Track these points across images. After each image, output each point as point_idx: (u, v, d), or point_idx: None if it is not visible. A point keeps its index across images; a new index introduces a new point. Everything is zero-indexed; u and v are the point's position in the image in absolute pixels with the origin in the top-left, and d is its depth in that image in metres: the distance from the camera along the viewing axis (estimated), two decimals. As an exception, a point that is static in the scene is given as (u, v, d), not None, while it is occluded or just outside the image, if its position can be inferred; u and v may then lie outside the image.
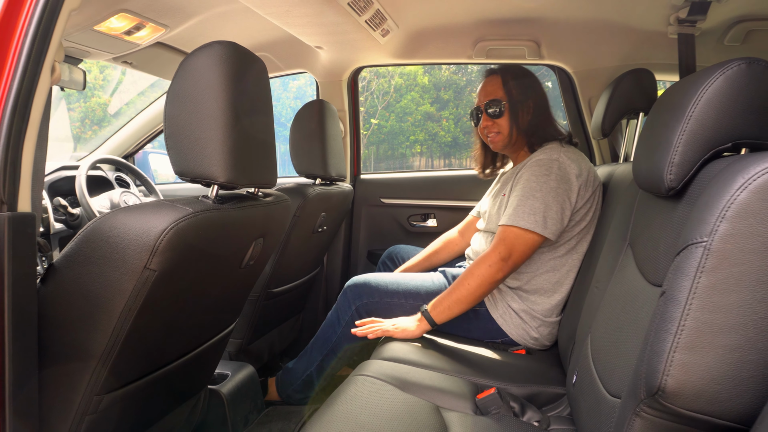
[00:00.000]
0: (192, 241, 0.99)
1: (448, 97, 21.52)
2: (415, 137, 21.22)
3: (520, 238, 1.62)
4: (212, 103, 1.03)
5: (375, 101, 20.48)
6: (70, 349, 0.97)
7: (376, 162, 21.19)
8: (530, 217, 1.61)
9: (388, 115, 21.26)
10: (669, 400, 0.73)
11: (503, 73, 1.85)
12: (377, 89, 20.37)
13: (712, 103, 0.86)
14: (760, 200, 0.67)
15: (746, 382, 0.69)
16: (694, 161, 0.88)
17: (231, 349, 1.97)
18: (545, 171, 1.66)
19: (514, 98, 1.81)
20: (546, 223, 1.61)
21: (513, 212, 1.64)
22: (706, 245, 0.70)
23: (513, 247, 1.62)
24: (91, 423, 1.04)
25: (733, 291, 0.69)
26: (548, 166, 1.66)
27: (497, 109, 1.82)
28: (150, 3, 1.69)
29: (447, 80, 20.97)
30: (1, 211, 0.80)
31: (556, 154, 1.69)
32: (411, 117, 21.23)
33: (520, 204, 1.64)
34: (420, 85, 21.06)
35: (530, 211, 1.62)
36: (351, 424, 1.16)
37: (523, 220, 1.62)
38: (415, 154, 21.85)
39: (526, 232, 1.62)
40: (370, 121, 20.44)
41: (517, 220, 1.62)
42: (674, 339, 0.72)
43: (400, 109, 21.21)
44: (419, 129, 21.19)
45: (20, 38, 0.82)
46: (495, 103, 1.82)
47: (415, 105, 21.15)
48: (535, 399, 1.49)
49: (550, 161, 1.68)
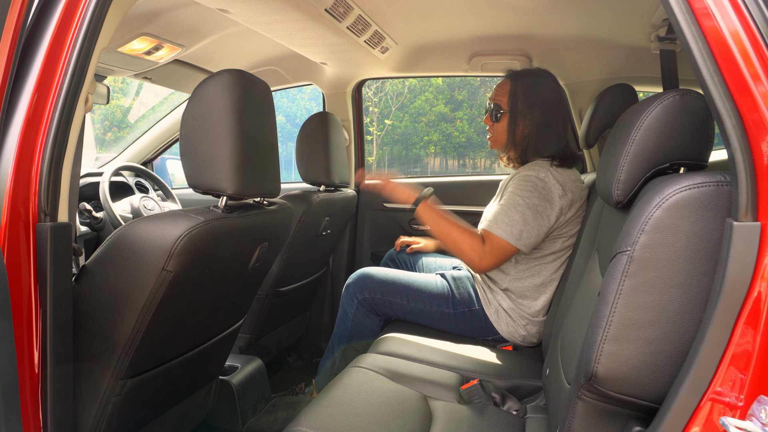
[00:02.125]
0: (204, 246, 1.14)
1: (462, 97, 21.55)
2: (429, 138, 21.28)
3: (495, 243, 1.75)
4: (221, 124, 1.18)
5: (389, 102, 20.59)
6: (99, 338, 1.12)
7: (390, 163, 21.26)
8: (507, 228, 1.72)
9: (402, 115, 21.34)
10: (600, 384, 0.86)
11: (514, 81, 1.87)
12: (391, 90, 20.47)
13: (651, 128, 0.98)
14: (672, 216, 0.80)
15: (662, 369, 0.82)
16: (637, 179, 1.01)
17: (241, 344, 2.12)
18: (530, 188, 1.74)
19: (516, 109, 1.84)
20: (521, 236, 1.72)
21: (493, 219, 1.76)
22: (629, 253, 0.84)
23: (490, 248, 1.75)
24: (117, 404, 1.20)
25: (651, 292, 0.82)
26: (534, 184, 1.75)
27: (497, 114, 1.89)
28: (168, 26, 1.85)
29: (461, 81, 20.99)
30: (44, 222, 0.95)
31: (544, 173, 1.76)
32: (425, 118, 21.29)
33: (501, 213, 1.75)
34: (434, 86, 21.11)
35: (509, 222, 1.73)
36: (344, 409, 1.30)
37: (500, 228, 1.73)
38: (429, 154, 21.91)
39: (501, 240, 1.74)
40: (384, 122, 20.55)
41: (495, 227, 1.75)
42: (603, 332, 0.85)
43: (414, 110, 21.29)
44: (433, 129, 21.24)
45: (60, 76, 0.97)
46: (497, 108, 1.89)
47: (429, 106, 21.21)
48: (517, 391, 1.61)
49: (537, 179, 1.75)
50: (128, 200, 2.45)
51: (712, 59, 0.73)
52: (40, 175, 0.95)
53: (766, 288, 0.68)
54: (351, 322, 2.03)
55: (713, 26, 0.74)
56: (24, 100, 0.94)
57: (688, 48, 0.75)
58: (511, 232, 1.72)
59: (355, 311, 2.02)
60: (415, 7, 1.89)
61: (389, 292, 1.98)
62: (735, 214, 0.71)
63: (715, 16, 0.73)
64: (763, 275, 0.68)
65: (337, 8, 1.67)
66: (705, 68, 0.73)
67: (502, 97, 1.88)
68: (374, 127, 20.05)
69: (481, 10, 1.93)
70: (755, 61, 0.70)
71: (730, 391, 0.71)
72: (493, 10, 1.92)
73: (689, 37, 0.74)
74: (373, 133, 19.98)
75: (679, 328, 0.81)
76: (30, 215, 0.95)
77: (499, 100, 1.89)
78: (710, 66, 0.73)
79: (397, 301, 1.98)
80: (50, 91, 0.96)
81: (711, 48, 0.74)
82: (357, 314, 2.02)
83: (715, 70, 0.73)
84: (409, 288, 1.98)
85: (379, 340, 1.83)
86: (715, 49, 0.73)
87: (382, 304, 1.99)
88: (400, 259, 2.45)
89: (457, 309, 1.94)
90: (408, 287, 1.98)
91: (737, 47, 0.71)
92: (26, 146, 0.94)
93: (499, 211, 1.77)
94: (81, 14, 0.99)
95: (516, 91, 1.85)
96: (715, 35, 0.73)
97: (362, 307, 2.01)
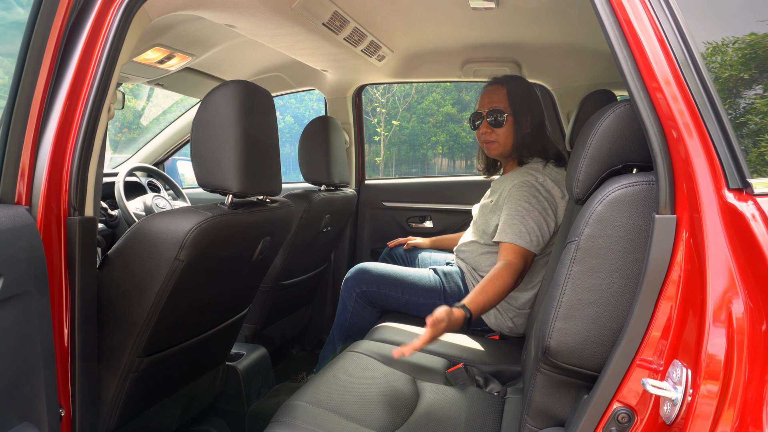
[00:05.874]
0: (212, 238, 1.28)
1: (470, 98, 21.60)
2: (437, 138, 21.36)
3: (520, 254, 1.78)
4: (228, 130, 1.32)
5: (396, 103, 20.69)
6: (119, 319, 1.27)
7: (398, 164, 21.31)
8: (527, 237, 1.79)
9: (410, 116, 21.42)
10: (553, 357, 1.00)
11: (509, 85, 1.94)
12: (398, 91, 20.57)
13: (605, 134, 1.11)
14: (611, 211, 0.94)
15: (604, 342, 0.95)
16: (594, 178, 1.14)
17: (246, 333, 2.26)
18: (535, 192, 1.83)
19: (518, 110, 1.92)
20: (539, 241, 1.80)
21: (511, 231, 1.80)
22: (576, 243, 0.97)
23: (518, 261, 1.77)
24: (134, 380, 1.34)
25: (594, 276, 0.95)
26: (536, 188, 1.84)
27: (499, 119, 1.94)
28: (179, 37, 2.00)
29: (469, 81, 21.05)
30: (74, 216, 1.10)
31: (542, 177, 1.87)
32: (432, 118, 21.36)
33: (517, 224, 1.80)
34: (441, 87, 21.18)
35: (527, 231, 1.79)
36: (337, 387, 1.44)
37: (521, 239, 1.78)
38: (436, 155, 22.00)
39: (524, 249, 1.79)
40: (392, 122, 20.66)
41: (516, 239, 1.79)
42: (555, 311, 0.98)
43: (422, 111, 21.38)
44: (441, 130, 21.31)
45: (87, 89, 1.12)
46: (497, 113, 1.93)
47: (436, 106, 21.29)
48: (500, 375, 1.74)
49: (537, 184, 1.85)
50: (141, 199, 2.60)
51: (640, 79, 0.86)
52: (70, 176, 1.10)
53: (680, 270, 0.81)
54: (350, 313, 2.17)
55: (642, 48, 0.87)
56: (56, 111, 1.09)
57: (621, 71, 0.88)
58: (531, 240, 1.79)
59: (353, 303, 2.16)
60: (408, 18, 2.02)
61: (385, 285, 2.11)
62: (657, 208, 0.84)
63: (641, 40, 0.86)
64: (677, 259, 0.81)
65: (334, 22, 1.81)
66: (633, 85, 0.86)
67: (500, 102, 1.94)
68: (382, 128, 20.15)
69: (471, 20, 2.05)
70: (673, 84, 0.83)
71: (653, 358, 0.84)
72: (483, 20, 2.05)
73: (621, 60, 0.87)
74: (380, 133, 20.09)
75: (619, 307, 0.94)
76: (61, 210, 1.09)
77: (497, 106, 1.95)
78: (637, 83, 0.86)
79: (392, 294, 2.11)
80: (78, 103, 1.11)
81: (640, 70, 0.87)
82: (356, 306, 2.15)
83: (642, 86, 0.86)
84: (404, 282, 2.10)
85: (374, 329, 1.96)
86: (643, 71, 0.86)
87: (378, 297, 2.12)
88: (397, 255, 2.58)
89: (448, 301, 2.06)
90: (402, 281, 2.11)
91: (659, 71, 0.84)
92: (58, 151, 1.08)
93: (512, 222, 1.82)
94: (105, 34, 1.14)
95: (513, 93, 1.93)
96: (642, 58, 0.86)
97: (360, 300, 2.14)
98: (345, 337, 2.19)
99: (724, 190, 0.77)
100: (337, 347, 2.21)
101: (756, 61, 0.83)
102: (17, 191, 1.01)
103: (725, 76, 0.83)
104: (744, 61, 0.83)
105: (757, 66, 0.83)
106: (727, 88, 0.83)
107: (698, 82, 0.81)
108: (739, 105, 0.83)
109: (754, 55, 0.83)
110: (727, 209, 0.77)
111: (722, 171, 0.78)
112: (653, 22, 0.85)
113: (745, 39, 0.82)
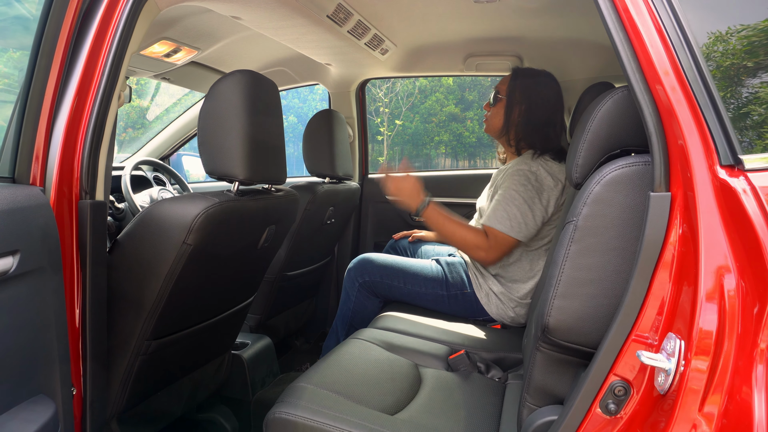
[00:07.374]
0: (218, 223, 1.31)
1: (473, 98, 21.63)
2: (440, 138, 21.39)
3: (498, 237, 1.90)
4: (234, 118, 1.35)
5: (399, 102, 20.72)
6: (128, 302, 1.30)
7: (401, 163, 21.34)
8: (507, 222, 1.87)
9: (413, 116, 21.46)
10: (552, 334, 1.02)
11: (518, 76, 2.05)
12: (402, 90, 20.61)
13: (603, 119, 1.13)
14: (608, 191, 0.96)
15: (601, 320, 0.98)
16: (592, 163, 1.16)
17: (251, 323, 2.29)
18: (524, 180, 1.89)
19: (512, 97, 2.02)
20: (521, 228, 1.87)
21: (493, 215, 1.90)
22: (575, 222, 0.99)
23: (494, 243, 1.91)
24: (143, 363, 1.38)
25: (592, 255, 0.98)
26: (526, 177, 1.90)
27: (495, 98, 2.07)
28: (185, 31, 2.04)
29: (471, 81, 21.07)
30: (85, 199, 1.13)
31: (536, 167, 1.92)
32: (435, 118, 21.40)
33: (499, 208, 1.89)
34: (444, 86, 21.22)
35: (508, 217, 1.87)
36: (342, 371, 1.47)
37: (500, 223, 1.88)
38: (440, 154, 22.03)
39: (503, 234, 1.88)
40: (395, 122, 20.69)
41: (495, 223, 1.89)
42: (554, 290, 1.01)
43: (425, 110, 21.41)
44: (444, 130, 21.35)
45: (98, 77, 1.15)
46: (496, 93, 2.08)
47: (439, 106, 21.32)
48: (501, 362, 1.76)
49: (529, 172, 1.91)
50: (147, 192, 2.63)
51: (636, 61, 0.89)
52: (82, 161, 1.13)
53: (674, 245, 0.84)
54: (353, 303, 2.20)
55: (637, 32, 0.89)
56: (68, 98, 1.12)
57: (617, 52, 0.90)
58: (511, 225, 1.87)
59: (356, 293, 2.19)
60: (411, 12, 2.06)
61: (387, 275, 2.14)
62: (652, 186, 0.87)
63: (638, 25, 0.88)
64: (672, 235, 0.84)
65: (338, 14, 1.84)
66: (629, 67, 0.89)
67: (503, 85, 2.07)
68: (385, 128, 20.18)
69: (474, 14, 2.08)
70: (667, 64, 0.85)
71: (649, 332, 0.86)
72: (486, 13, 2.08)
73: (617, 42, 0.90)
74: (383, 133, 20.12)
75: (616, 285, 0.96)
76: (73, 194, 1.12)
77: (500, 88, 2.08)
78: (633, 65, 0.89)
79: (394, 284, 2.14)
80: (89, 90, 1.14)
81: (636, 52, 0.89)
82: (358, 296, 2.18)
83: (637, 68, 0.88)
84: (406, 272, 2.13)
85: (378, 318, 1.99)
86: (639, 53, 0.89)
87: (381, 287, 2.15)
88: (401, 247, 2.61)
89: (450, 291, 2.10)
90: (405, 271, 2.14)
91: (654, 52, 0.87)
92: (70, 136, 1.12)
93: (497, 207, 1.90)
94: (115, 24, 1.17)
95: (515, 82, 2.03)
96: (638, 41, 0.89)
97: (363, 290, 2.17)
98: (348, 326, 2.22)
99: (716, 167, 0.80)
100: (340, 337, 2.23)
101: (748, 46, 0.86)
102: (32, 173, 1.04)
103: (717, 56, 0.85)
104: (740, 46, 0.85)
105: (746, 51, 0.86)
106: (720, 67, 0.86)
107: (692, 62, 0.83)
108: (730, 84, 0.85)
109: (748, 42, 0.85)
110: (719, 185, 0.79)
111: (714, 148, 0.80)
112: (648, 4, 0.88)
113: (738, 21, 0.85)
